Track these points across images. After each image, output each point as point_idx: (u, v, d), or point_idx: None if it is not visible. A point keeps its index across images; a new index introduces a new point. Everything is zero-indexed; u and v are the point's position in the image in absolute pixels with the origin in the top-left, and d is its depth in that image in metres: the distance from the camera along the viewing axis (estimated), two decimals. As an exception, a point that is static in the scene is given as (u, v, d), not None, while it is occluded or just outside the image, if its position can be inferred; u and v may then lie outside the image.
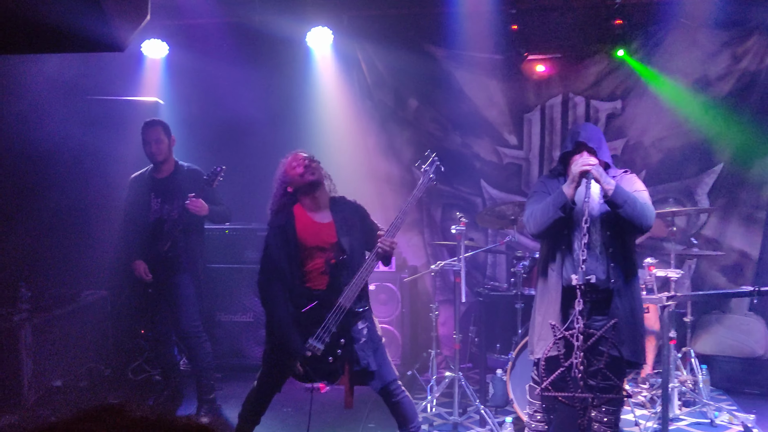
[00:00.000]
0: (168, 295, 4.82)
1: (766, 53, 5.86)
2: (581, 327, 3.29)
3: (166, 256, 4.73)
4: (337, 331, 3.56)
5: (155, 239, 4.75)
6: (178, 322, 4.82)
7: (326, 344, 3.56)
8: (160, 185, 4.84)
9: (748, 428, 4.67)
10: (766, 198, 6.07)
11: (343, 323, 3.57)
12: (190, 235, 4.84)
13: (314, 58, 6.37)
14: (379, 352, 3.73)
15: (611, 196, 3.48)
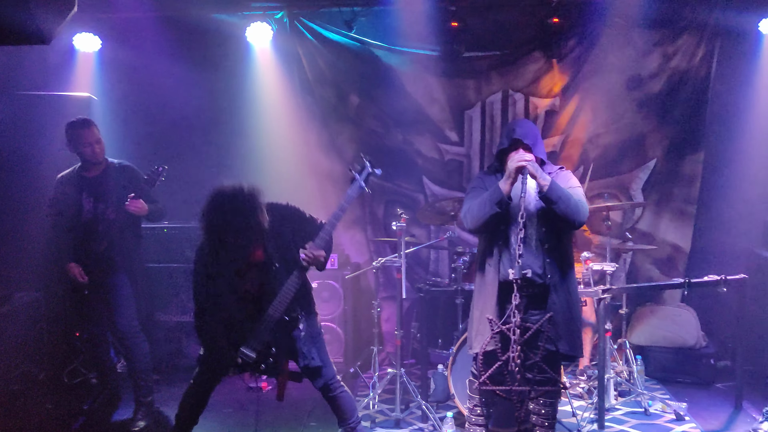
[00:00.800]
0: (104, 295, 4.69)
1: (696, 52, 6.04)
2: (518, 321, 3.33)
3: (101, 257, 4.60)
4: (269, 339, 3.57)
5: (90, 240, 4.61)
6: (115, 322, 4.70)
7: (258, 352, 3.57)
8: (91, 184, 4.70)
9: (680, 416, 4.82)
10: (696, 193, 6.26)
11: (275, 332, 3.58)
12: (126, 235, 4.72)
13: (254, 54, 6.27)
14: (320, 347, 3.74)
15: (546, 192, 3.54)
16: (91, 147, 4.64)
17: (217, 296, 3.64)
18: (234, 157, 6.18)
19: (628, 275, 6.42)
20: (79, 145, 4.64)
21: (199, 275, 3.67)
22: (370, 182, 6.35)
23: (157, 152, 5.93)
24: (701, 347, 5.75)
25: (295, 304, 3.67)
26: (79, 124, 4.65)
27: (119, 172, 4.73)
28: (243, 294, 3.66)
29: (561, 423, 4.63)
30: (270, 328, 3.58)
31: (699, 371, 5.69)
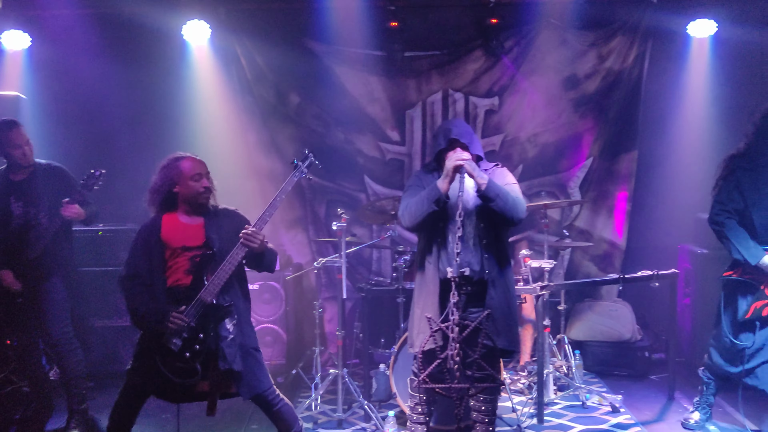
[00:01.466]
0: (36, 302, 4.52)
1: (629, 53, 6.20)
2: (456, 319, 3.35)
3: (35, 263, 4.45)
4: (196, 326, 3.48)
5: (22, 246, 4.44)
6: (47, 329, 4.54)
7: (184, 339, 3.47)
8: (19, 188, 4.51)
9: (616, 408, 4.94)
10: (631, 190, 6.42)
11: (204, 318, 3.49)
12: (58, 238, 4.56)
13: (191, 52, 6.16)
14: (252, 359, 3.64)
15: (484, 190, 3.57)
16: (21, 149, 4.46)
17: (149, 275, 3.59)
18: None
19: (566, 272, 6.54)
20: (7, 147, 4.45)
21: (129, 267, 3.64)
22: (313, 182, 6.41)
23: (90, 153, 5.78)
24: (636, 341, 5.90)
25: (230, 293, 3.59)
26: (6, 126, 4.46)
27: (48, 174, 4.56)
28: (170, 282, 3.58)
29: (501, 419, 4.69)
30: (198, 314, 3.48)
31: (635, 364, 5.84)
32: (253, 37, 6.23)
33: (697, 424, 4.49)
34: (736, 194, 4.15)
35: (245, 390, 3.61)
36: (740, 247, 4.09)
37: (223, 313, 3.53)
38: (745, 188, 4.13)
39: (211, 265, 3.54)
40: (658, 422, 4.77)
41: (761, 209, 4.11)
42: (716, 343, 4.33)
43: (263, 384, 3.67)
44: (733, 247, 4.13)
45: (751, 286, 4.14)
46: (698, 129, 6.12)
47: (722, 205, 4.18)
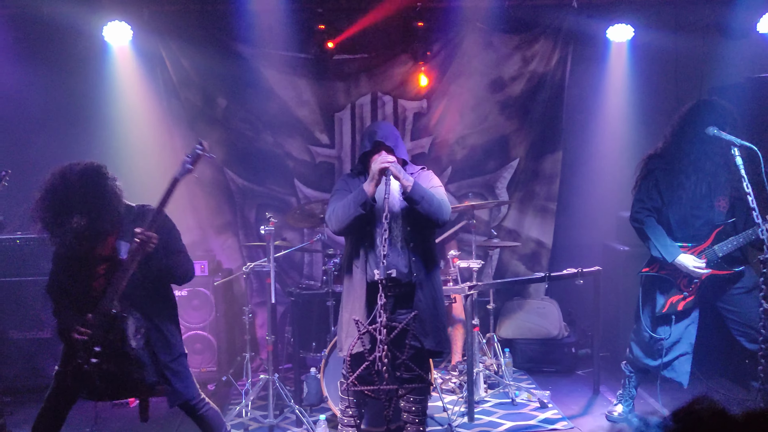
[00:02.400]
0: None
1: (552, 56, 6.35)
2: (384, 321, 3.37)
3: None
4: (98, 337, 3.36)
5: None
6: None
7: (86, 349, 3.37)
8: None
9: (544, 404, 5.05)
10: (556, 191, 6.58)
11: (105, 328, 3.37)
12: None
13: (113, 54, 5.98)
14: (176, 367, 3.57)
15: (410, 193, 3.61)
16: None
17: (65, 290, 3.48)
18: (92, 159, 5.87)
19: (496, 271, 6.65)
20: None
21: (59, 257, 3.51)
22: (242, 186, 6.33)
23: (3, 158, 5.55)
24: (563, 337, 6.05)
25: (141, 300, 3.47)
26: None
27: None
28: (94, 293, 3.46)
29: (433, 418, 4.74)
30: (100, 323, 3.36)
31: (562, 360, 5.99)
32: (178, 39, 6.09)
33: (621, 416, 4.64)
34: (654, 193, 4.31)
35: (171, 398, 3.54)
36: (658, 245, 4.24)
37: (117, 322, 3.38)
38: (662, 188, 4.29)
39: (119, 273, 3.42)
40: (583, 416, 4.90)
41: (677, 208, 4.27)
42: (636, 338, 4.49)
43: (189, 391, 3.60)
44: (652, 245, 4.28)
45: (667, 282, 4.31)
46: (618, 130, 6.32)
47: (642, 203, 4.33)
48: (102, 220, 3.34)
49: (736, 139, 3.77)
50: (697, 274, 4.18)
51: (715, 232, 4.22)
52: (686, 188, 4.21)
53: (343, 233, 3.83)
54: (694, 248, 4.24)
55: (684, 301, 4.27)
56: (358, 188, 3.66)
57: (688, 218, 4.25)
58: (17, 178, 4.33)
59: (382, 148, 3.73)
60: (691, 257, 4.19)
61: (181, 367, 3.60)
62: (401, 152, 3.80)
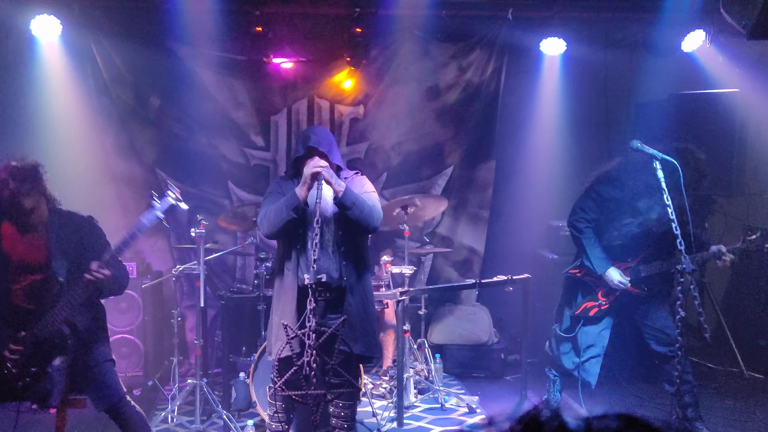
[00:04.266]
0: None
1: (487, 66, 6.45)
2: (313, 325, 3.37)
3: None
4: (32, 358, 3.29)
5: None
6: None
7: (18, 367, 3.29)
8: None
9: (473, 408, 5.14)
10: (489, 198, 6.69)
11: (37, 353, 3.30)
12: None
13: (40, 49, 5.78)
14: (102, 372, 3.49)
15: (341, 198, 3.62)
16: None
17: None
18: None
19: (428, 277, 6.71)
20: None
21: None
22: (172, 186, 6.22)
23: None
24: (493, 343, 6.14)
25: (72, 324, 3.40)
26: None
27: None
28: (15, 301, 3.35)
29: (362, 423, 4.75)
30: (34, 343, 3.29)
31: (491, 366, 6.09)
32: (110, 35, 5.93)
33: (545, 421, 4.74)
34: (597, 206, 4.42)
35: (98, 404, 3.48)
36: (591, 256, 4.37)
37: (60, 348, 3.33)
38: (609, 205, 4.39)
39: (55, 292, 3.33)
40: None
41: (619, 229, 4.41)
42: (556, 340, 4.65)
43: (114, 396, 3.53)
44: (585, 254, 4.41)
45: (588, 287, 4.46)
46: (550, 140, 6.48)
47: (583, 213, 4.45)
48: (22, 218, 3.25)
49: (658, 152, 3.91)
50: (620, 288, 4.33)
51: (643, 254, 4.38)
52: (622, 203, 4.35)
53: (275, 237, 3.82)
54: (622, 264, 4.39)
55: (596, 309, 4.44)
56: (291, 192, 3.66)
57: (622, 234, 4.40)
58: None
59: (316, 153, 3.73)
60: (618, 273, 4.34)
61: (104, 375, 3.53)
62: (335, 158, 3.81)
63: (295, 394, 3.41)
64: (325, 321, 3.68)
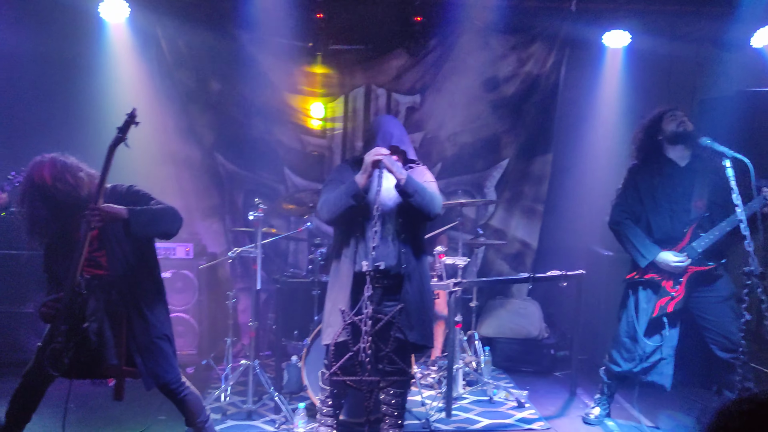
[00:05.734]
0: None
1: (547, 59, 6.37)
2: (369, 312, 3.39)
3: None
4: (64, 313, 3.32)
5: None
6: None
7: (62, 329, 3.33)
8: None
9: (521, 403, 5.10)
10: (544, 192, 6.62)
11: (70, 306, 3.33)
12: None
13: (108, 31, 5.92)
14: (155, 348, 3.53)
15: (403, 186, 3.63)
16: None
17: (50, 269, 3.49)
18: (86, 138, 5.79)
19: (480, 270, 6.68)
20: None
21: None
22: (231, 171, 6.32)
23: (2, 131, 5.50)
24: (543, 338, 6.09)
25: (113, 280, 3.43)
26: None
27: None
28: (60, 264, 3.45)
29: (410, 412, 4.75)
30: (66, 301, 3.30)
31: (541, 361, 6.04)
32: (175, 19, 6.03)
33: (597, 419, 4.68)
34: (634, 198, 4.37)
35: (148, 381, 3.52)
36: (638, 245, 4.31)
37: (79, 300, 3.36)
38: (643, 194, 4.36)
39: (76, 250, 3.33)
40: (560, 417, 4.95)
41: (657, 215, 4.34)
42: (615, 344, 4.52)
43: (168, 374, 3.57)
44: (631, 245, 4.34)
45: (653, 285, 4.35)
46: (610, 135, 6.35)
47: (621, 207, 4.44)
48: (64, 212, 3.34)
49: (728, 150, 3.82)
50: (680, 269, 4.22)
51: (691, 230, 4.27)
52: (664, 190, 4.29)
53: (334, 223, 3.84)
54: (674, 248, 4.29)
55: (673, 302, 4.27)
56: (351, 179, 3.67)
57: (666, 220, 4.31)
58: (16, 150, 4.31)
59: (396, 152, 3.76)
60: (671, 253, 4.24)
61: (160, 349, 3.55)
62: (411, 154, 3.85)
63: (349, 379, 3.43)
64: (381, 308, 3.70)
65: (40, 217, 3.32)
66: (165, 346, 3.59)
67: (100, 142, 3.51)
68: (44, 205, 3.31)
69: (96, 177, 3.35)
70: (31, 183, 3.32)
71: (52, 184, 3.30)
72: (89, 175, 3.44)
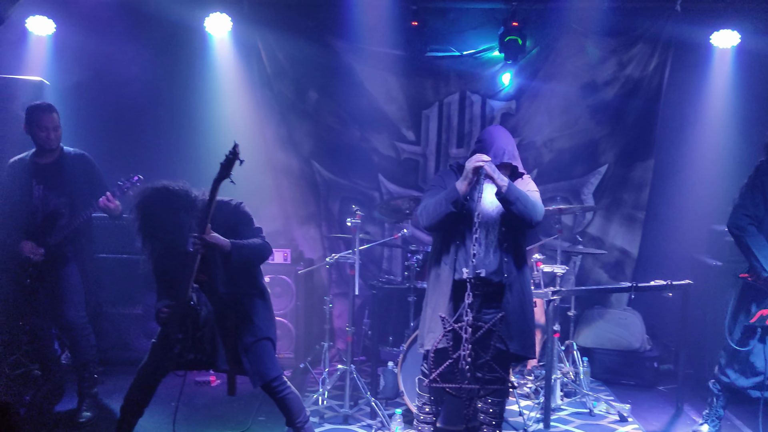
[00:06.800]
0: (51, 286, 4.59)
1: (649, 61, 6.18)
2: (470, 320, 3.37)
3: (53, 248, 4.52)
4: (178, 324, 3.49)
5: (44, 230, 4.53)
6: (62, 313, 4.60)
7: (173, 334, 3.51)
8: (43, 172, 4.59)
9: (624, 417, 4.93)
10: (645, 199, 6.40)
11: (182, 315, 3.49)
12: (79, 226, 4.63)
13: (212, 45, 6.18)
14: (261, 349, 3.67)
15: (504, 193, 3.59)
16: (47, 132, 4.53)
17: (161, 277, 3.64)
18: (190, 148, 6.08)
19: (577, 278, 6.53)
20: (35, 128, 4.54)
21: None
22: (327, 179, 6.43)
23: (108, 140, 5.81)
24: (645, 350, 5.88)
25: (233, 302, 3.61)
26: (40, 108, 4.56)
27: (75, 163, 4.64)
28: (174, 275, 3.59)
29: (508, 422, 4.69)
30: (178, 311, 3.47)
31: (643, 374, 5.83)
32: (274, 31, 6.24)
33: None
34: (759, 200, 4.11)
35: (255, 379, 3.66)
36: (760, 256, 4.05)
37: (197, 313, 3.50)
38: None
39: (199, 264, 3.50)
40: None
41: None
42: (727, 354, 4.29)
43: (272, 372, 3.71)
44: (753, 255, 4.09)
45: (763, 293, 4.11)
46: (717, 140, 6.09)
47: (744, 210, 4.13)
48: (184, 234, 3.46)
49: None
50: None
51: None
52: None
53: (433, 229, 3.84)
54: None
55: None
56: (451, 185, 3.66)
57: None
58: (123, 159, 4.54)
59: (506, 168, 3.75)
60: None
61: (264, 349, 3.70)
62: (514, 158, 3.81)
63: (449, 387, 3.42)
64: (481, 316, 3.67)
65: (152, 233, 3.46)
66: (269, 347, 3.74)
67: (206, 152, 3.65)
68: (156, 226, 3.43)
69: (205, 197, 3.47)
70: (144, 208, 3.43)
71: (162, 209, 3.43)
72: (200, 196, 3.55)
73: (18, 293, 4.63)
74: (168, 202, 3.40)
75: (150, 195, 3.42)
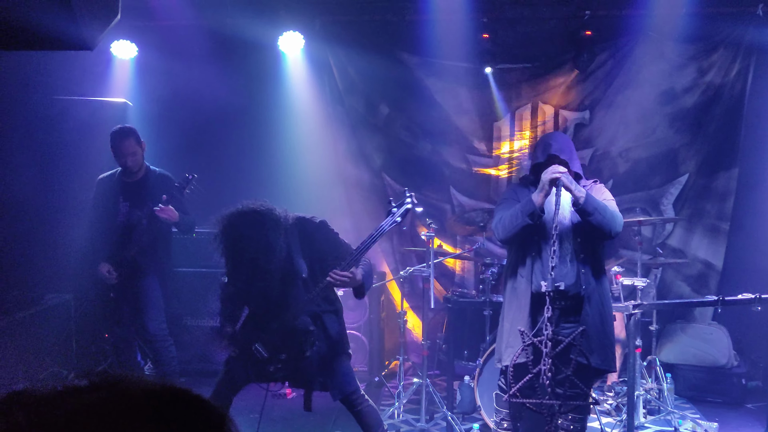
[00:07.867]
0: (133, 299, 4.76)
1: (731, 67, 5.98)
2: (550, 334, 3.31)
3: (132, 262, 4.68)
4: (279, 345, 3.53)
5: (123, 244, 4.69)
6: (144, 325, 4.76)
7: (269, 353, 3.55)
8: (129, 189, 4.78)
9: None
10: (730, 209, 6.17)
11: (287, 339, 3.53)
12: (158, 240, 4.79)
13: (286, 63, 6.32)
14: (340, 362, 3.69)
15: (582, 204, 3.52)
16: (125, 159, 4.71)
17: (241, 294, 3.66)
18: (265, 163, 6.22)
19: (658, 291, 6.33)
20: (115, 154, 4.74)
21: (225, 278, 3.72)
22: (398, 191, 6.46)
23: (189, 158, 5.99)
24: (732, 366, 5.64)
25: (314, 319, 3.61)
26: (117, 135, 4.72)
27: (158, 182, 4.81)
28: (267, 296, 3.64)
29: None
30: (282, 333, 3.53)
31: (730, 391, 5.59)
32: (346, 47, 6.33)
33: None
34: None
35: (336, 392, 3.68)
36: None
37: (305, 339, 3.54)
38: None
39: (299, 286, 3.56)
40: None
41: None
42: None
43: (351, 386, 3.72)
44: None
45: None
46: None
47: None
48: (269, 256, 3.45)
49: None
50: None
51: None
52: None
53: (509, 242, 3.79)
54: None
55: None
56: (527, 198, 3.62)
57: None
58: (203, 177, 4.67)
59: (557, 161, 3.66)
60: None
61: (342, 363, 3.72)
62: (575, 166, 3.71)
63: (529, 402, 3.36)
64: (559, 330, 3.59)
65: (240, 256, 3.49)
66: (346, 361, 3.76)
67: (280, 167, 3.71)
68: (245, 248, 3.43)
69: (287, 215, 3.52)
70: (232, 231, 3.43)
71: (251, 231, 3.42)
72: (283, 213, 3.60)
73: (104, 307, 4.81)
74: (257, 224, 3.39)
75: (237, 218, 3.41)
